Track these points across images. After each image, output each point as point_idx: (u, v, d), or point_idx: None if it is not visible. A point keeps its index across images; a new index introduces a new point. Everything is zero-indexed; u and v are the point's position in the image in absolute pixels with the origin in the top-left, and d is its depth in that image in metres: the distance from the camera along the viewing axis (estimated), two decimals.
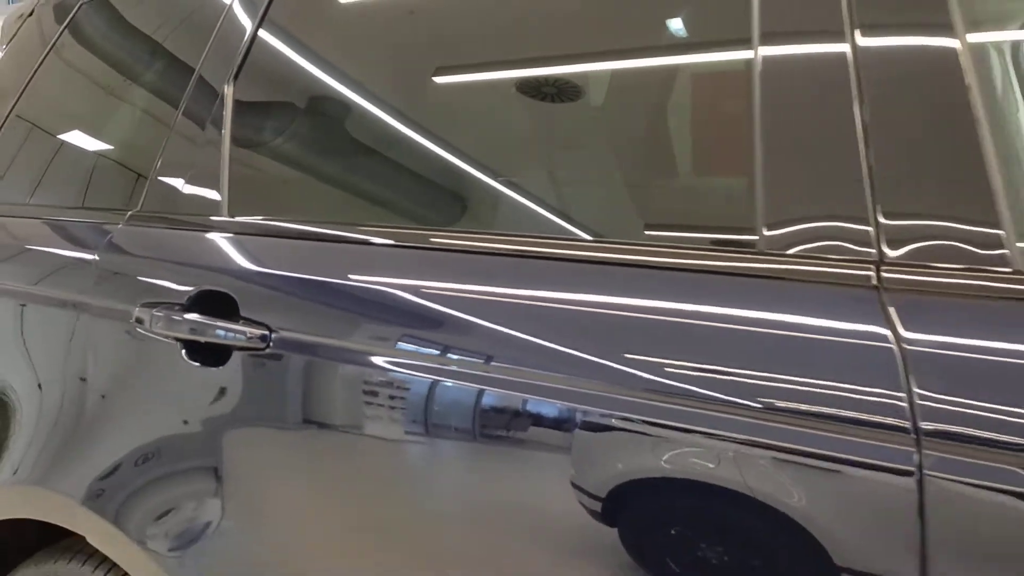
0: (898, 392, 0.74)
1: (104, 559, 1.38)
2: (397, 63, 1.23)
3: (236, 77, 1.35)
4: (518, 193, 1.06)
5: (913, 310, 0.76)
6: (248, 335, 1.13)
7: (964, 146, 0.78)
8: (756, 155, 0.88)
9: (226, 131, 1.32)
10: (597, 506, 0.85)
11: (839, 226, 0.82)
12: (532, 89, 1.09)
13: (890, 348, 0.75)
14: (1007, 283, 0.75)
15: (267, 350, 1.12)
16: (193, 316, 1.18)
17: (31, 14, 1.96)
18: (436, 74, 1.17)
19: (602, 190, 1.01)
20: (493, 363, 0.94)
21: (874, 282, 0.79)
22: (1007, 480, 0.69)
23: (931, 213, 0.79)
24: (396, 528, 0.98)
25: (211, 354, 1.17)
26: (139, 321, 1.26)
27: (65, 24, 1.85)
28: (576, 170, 1.04)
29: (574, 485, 0.86)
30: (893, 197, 0.81)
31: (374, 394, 1.03)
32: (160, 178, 1.38)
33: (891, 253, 0.80)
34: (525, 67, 1.11)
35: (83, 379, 1.32)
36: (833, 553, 0.74)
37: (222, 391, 1.16)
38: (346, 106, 1.25)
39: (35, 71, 1.83)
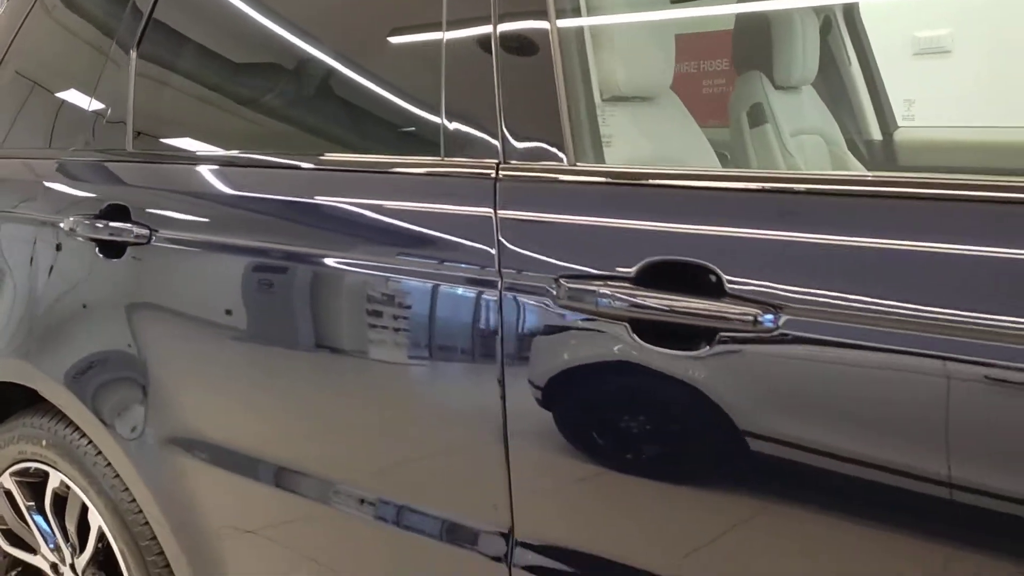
0: (492, 243, 1.16)
1: (55, 413, 1.84)
2: None
3: (144, 31, 1.75)
4: (305, 123, 1.50)
5: (509, 193, 1.18)
6: (135, 234, 1.57)
7: (547, 92, 1.18)
8: (442, 100, 1.28)
9: (131, 85, 1.75)
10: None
11: (483, 142, 1.23)
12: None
13: (490, 217, 1.17)
14: (566, 175, 1.16)
15: (151, 243, 1.56)
16: (99, 223, 1.63)
17: None
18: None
19: (353, 117, 1.44)
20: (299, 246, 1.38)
21: (493, 176, 1.20)
22: (543, 292, 1.10)
23: (528, 131, 1.20)
24: (265, 380, 1.43)
25: (112, 249, 1.62)
26: (71, 230, 1.71)
27: None
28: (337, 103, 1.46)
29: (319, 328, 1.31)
30: (511, 121, 1.21)
31: (231, 274, 1.48)
32: (94, 116, 1.80)
33: (505, 158, 1.21)
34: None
35: (50, 273, 1.78)
36: (454, 338, 1.18)
37: (122, 277, 1.61)
38: (231, 46, 1.67)
39: (21, 25, 2.17)
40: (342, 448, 1.36)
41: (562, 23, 1.21)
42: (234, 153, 1.54)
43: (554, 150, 1.17)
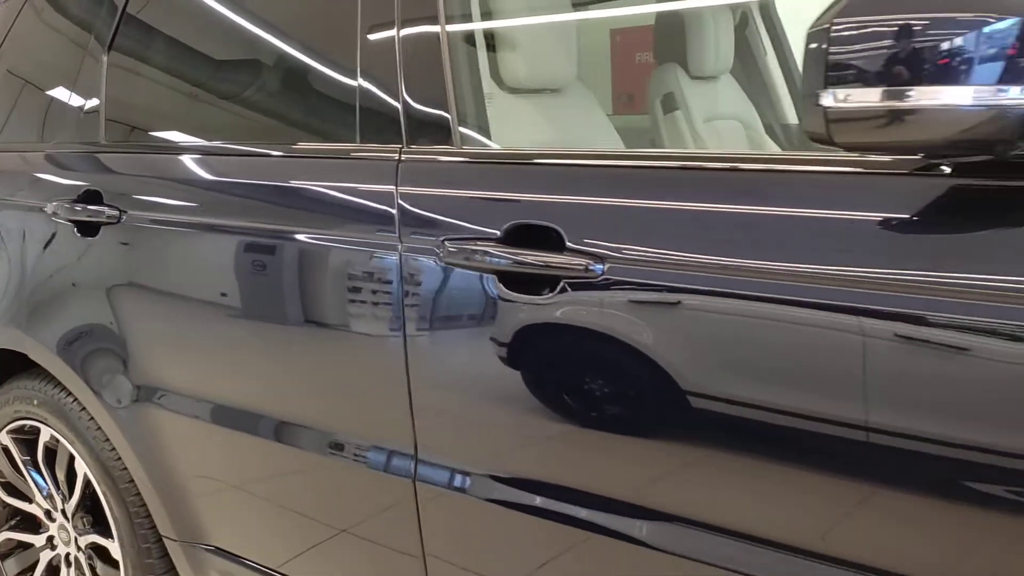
0: (392, 209, 1.41)
1: (45, 375, 2.09)
2: None
3: (116, 30, 1.99)
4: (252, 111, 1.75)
5: (408, 173, 1.42)
6: (107, 215, 1.82)
7: (438, 87, 1.43)
8: (357, 93, 1.53)
9: (103, 92, 1.99)
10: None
11: (389, 129, 1.48)
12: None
13: (392, 193, 1.42)
14: (450, 156, 1.41)
15: (121, 223, 1.81)
16: (77, 206, 1.88)
17: None
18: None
19: (282, 109, 1.69)
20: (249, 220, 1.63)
21: (397, 158, 1.45)
22: (432, 252, 1.35)
23: (423, 120, 1.44)
24: (236, 337, 1.68)
25: (89, 228, 1.87)
26: (55, 213, 1.96)
27: None
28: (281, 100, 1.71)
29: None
30: (411, 112, 1.46)
31: (189, 247, 1.72)
32: (74, 109, 2.05)
33: (407, 143, 1.45)
34: None
35: (39, 251, 2.03)
36: (366, 292, 1.42)
37: (98, 253, 1.86)
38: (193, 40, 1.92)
39: (11, 26, 2.40)
40: (284, 391, 1.61)
41: (451, 28, 1.45)
42: (190, 142, 1.79)
43: (443, 136, 1.42)
